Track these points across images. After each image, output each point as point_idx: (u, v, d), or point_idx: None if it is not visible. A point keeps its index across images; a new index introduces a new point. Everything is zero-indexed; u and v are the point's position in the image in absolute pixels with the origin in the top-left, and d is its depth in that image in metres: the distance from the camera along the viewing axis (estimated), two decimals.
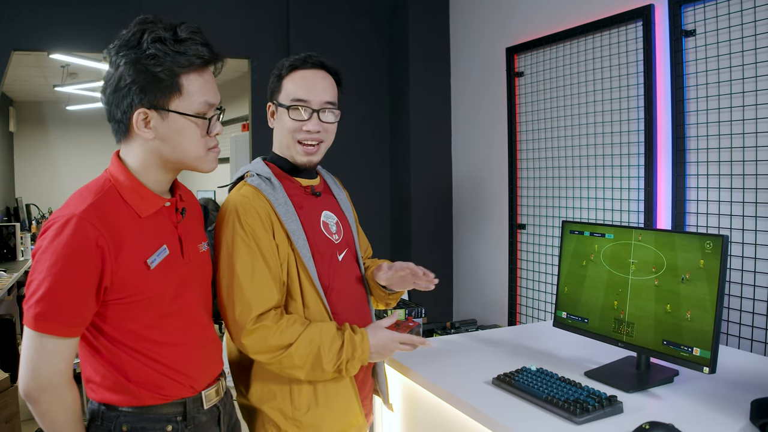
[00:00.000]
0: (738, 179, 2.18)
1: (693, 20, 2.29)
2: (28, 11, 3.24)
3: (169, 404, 1.22)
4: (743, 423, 1.30)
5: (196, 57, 1.15)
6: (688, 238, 1.48)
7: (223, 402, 1.35)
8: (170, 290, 1.21)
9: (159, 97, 1.14)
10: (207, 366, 1.30)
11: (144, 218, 1.19)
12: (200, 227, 1.39)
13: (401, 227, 3.94)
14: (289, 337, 1.35)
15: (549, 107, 3.03)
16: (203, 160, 1.23)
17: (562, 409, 1.33)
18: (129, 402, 1.19)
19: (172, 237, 1.24)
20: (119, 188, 1.18)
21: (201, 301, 1.31)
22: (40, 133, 8.90)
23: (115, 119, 1.18)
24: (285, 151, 1.53)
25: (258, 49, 3.74)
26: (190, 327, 1.26)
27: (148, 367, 1.19)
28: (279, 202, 1.44)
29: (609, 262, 1.66)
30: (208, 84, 1.20)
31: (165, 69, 1.13)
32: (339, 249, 1.54)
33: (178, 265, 1.24)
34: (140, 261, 1.16)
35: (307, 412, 1.44)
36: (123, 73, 1.13)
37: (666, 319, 1.49)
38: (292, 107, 1.47)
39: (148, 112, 1.15)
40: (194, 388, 1.26)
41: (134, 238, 1.16)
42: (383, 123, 4.00)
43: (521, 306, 3.27)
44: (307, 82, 1.49)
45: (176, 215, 1.27)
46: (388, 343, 1.44)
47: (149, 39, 1.13)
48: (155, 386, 1.20)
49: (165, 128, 1.17)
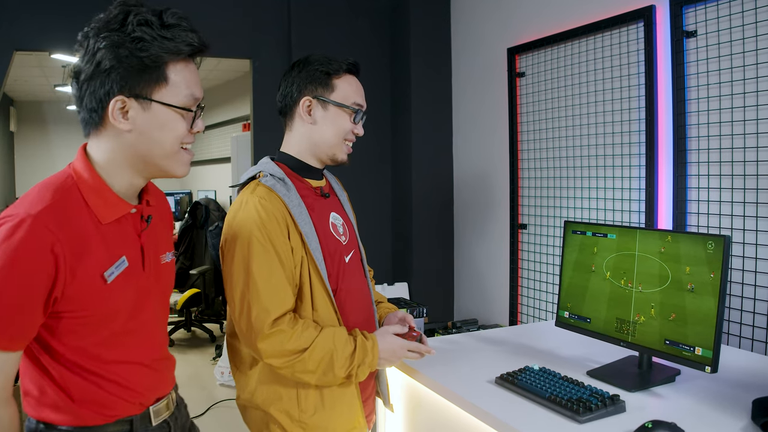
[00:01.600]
0: (739, 179, 2.18)
1: (694, 21, 2.29)
2: (29, 12, 3.24)
3: (113, 423, 1.11)
4: (745, 422, 1.31)
5: (185, 44, 1.05)
6: (690, 239, 1.48)
7: (174, 417, 1.25)
8: (126, 306, 1.09)
9: (142, 85, 1.04)
10: (159, 383, 1.21)
11: (105, 224, 1.07)
12: (167, 234, 1.27)
13: (402, 227, 3.95)
14: (305, 342, 1.35)
15: (550, 108, 3.04)
16: (176, 160, 1.11)
17: (565, 408, 1.34)
18: (69, 422, 1.08)
19: (133, 247, 1.12)
20: (81, 188, 1.06)
21: (158, 317, 1.21)
22: (40, 132, 8.90)
23: (87, 108, 1.06)
24: (319, 149, 1.51)
25: (259, 50, 3.74)
26: (145, 344, 1.16)
27: (94, 385, 1.08)
28: (293, 204, 1.43)
29: (611, 263, 1.66)
30: (194, 77, 1.10)
31: (151, 55, 1.02)
32: (346, 250, 1.54)
33: (137, 278, 1.12)
34: (97, 273, 1.03)
35: (314, 414, 1.44)
36: (102, 57, 1.02)
37: (668, 319, 1.50)
38: (358, 111, 1.51)
39: (127, 101, 1.04)
40: (142, 404, 1.16)
41: (92, 246, 1.03)
42: (384, 123, 4.01)
43: (522, 306, 3.28)
44: (360, 88, 1.54)
45: (141, 223, 1.15)
46: (396, 349, 1.45)
47: (135, 21, 1.02)
48: (100, 405, 1.09)
49: (145, 120, 1.05)
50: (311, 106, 1.49)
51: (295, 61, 1.55)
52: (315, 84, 1.49)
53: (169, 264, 1.24)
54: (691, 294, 1.46)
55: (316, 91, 1.49)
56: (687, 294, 1.47)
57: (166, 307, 1.25)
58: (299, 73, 1.50)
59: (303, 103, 1.50)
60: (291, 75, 1.52)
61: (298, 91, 1.50)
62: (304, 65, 1.51)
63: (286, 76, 1.54)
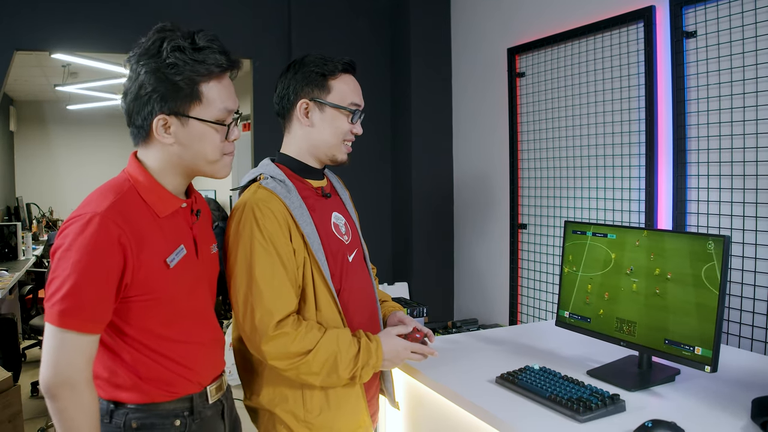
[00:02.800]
0: (738, 179, 2.19)
1: (694, 21, 2.30)
2: (29, 11, 3.24)
3: (176, 400, 1.25)
4: (744, 421, 1.31)
5: (215, 65, 1.19)
6: (690, 239, 1.49)
7: (225, 397, 1.38)
8: (185, 289, 1.24)
9: (179, 104, 1.18)
10: (213, 363, 1.34)
11: (162, 218, 1.22)
12: (210, 229, 1.42)
13: (402, 226, 3.95)
14: (309, 344, 1.35)
15: (550, 108, 3.04)
16: (219, 166, 1.26)
17: (565, 408, 1.34)
18: (137, 399, 1.21)
19: (187, 237, 1.27)
20: (138, 188, 1.20)
21: (210, 300, 1.35)
22: (40, 132, 8.89)
23: (135, 125, 1.21)
24: (318, 151, 1.51)
25: (260, 50, 3.74)
26: (201, 325, 1.30)
27: (160, 364, 1.22)
28: (295, 206, 1.43)
29: (611, 262, 1.67)
30: (227, 90, 1.23)
31: (185, 78, 1.16)
32: (349, 250, 1.54)
33: (193, 265, 1.27)
34: (160, 260, 1.19)
35: (319, 414, 1.44)
36: (144, 81, 1.16)
37: (667, 319, 1.51)
38: (356, 111, 1.50)
39: (168, 119, 1.18)
40: (201, 383, 1.29)
41: (154, 236, 1.18)
42: (384, 123, 4.01)
43: (522, 305, 3.28)
44: (357, 87, 1.53)
45: (191, 216, 1.30)
46: (400, 350, 1.45)
47: (168, 48, 1.16)
48: (165, 383, 1.23)
49: (185, 134, 1.20)
50: (308, 108, 1.49)
51: (290, 62, 1.53)
52: (311, 86, 1.48)
53: (215, 254, 1.39)
54: (690, 294, 1.46)
55: (312, 93, 1.48)
56: (687, 294, 1.47)
57: (214, 291, 1.39)
58: (295, 75, 1.49)
59: (300, 106, 1.49)
60: (287, 77, 1.51)
61: (294, 93, 1.49)
62: (299, 66, 1.50)
63: (282, 77, 1.53)
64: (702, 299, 1.43)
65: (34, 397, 4.01)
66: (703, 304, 1.43)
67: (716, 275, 1.41)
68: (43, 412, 3.73)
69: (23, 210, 6.77)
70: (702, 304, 1.43)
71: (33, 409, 3.81)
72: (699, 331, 1.43)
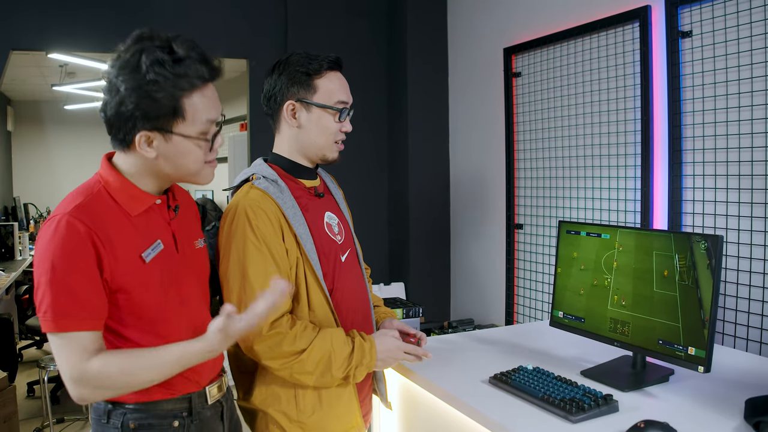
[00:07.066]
0: (734, 179, 2.19)
1: (690, 21, 2.30)
2: (26, 11, 3.24)
3: (175, 399, 1.25)
4: (737, 422, 1.31)
5: (197, 77, 1.16)
6: (684, 238, 1.49)
7: (225, 398, 1.38)
8: (167, 282, 1.23)
9: (162, 120, 1.15)
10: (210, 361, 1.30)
11: (135, 216, 1.21)
12: (196, 224, 1.40)
13: (399, 226, 3.95)
14: (303, 343, 1.35)
15: (546, 107, 3.04)
16: (200, 176, 1.25)
17: (558, 408, 1.34)
18: (136, 398, 1.21)
19: (165, 233, 1.26)
20: (109, 189, 1.20)
21: (201, 297, 1.34)
22: (38, 132, 8.88)
23: (117, 138, 1.19)
24: (308, 151, 1.50)
25: (256, 50, 3.74)
26: (194, 322, 1.28)
27: None
28: (287, 206, 1.42)
29: (605, 262, 1.67)
30: (210, 100, 1.20)
31: (167, 94, 1.13)
32: (342, 250, 1.54)
33: (173, 259, 1.26)
34: (135, 255, 1.18)
35: (312, 414, 1.44)
36: (124, 97, 1.13)
37: (661, 319, 1.50)
38: (343, 110, 1.48)
39: (150, 134, 1.16)
40: (199, 383, 1.29)
41: (127, 234, 1.18)
42: (381, 122, 4.01)
43: (518, 305, 3.28)
44: (343, 83, 1.50)
45: (169, 212, 1.29)
46: (394, 351, 1.45)
47: (148, 62, 1.12)
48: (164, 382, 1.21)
49: (168, 149, 1.19)
50: (295, 109, 1.47)
51: (275, 62, 1.51)
52: (297, 86, 1.46)
53: (202, 249, 1.37)
54: (684, 293, 1.46)
55: (298, 93, 1.46)
56: (681, 293, 1.47)
57: (205, 288, 1.38)
58: (280, 76, 1.48)
59: (287, 108, 1.48)
60: (272, 77, 1.49)
61: (281, 95, 1.48)
62: (284, 66, 1.48)
63: (267, 77, 1.51)
64: (696, 299, 1.43)
65: (29, 398, 4.00)
66: (696, 304, 1.43)
67: (710, 275, 1.41)
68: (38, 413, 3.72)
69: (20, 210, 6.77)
70: (696, 304, 1.43)
71: (29, 409, 3.80)
72: (692, 332, 1.43)
